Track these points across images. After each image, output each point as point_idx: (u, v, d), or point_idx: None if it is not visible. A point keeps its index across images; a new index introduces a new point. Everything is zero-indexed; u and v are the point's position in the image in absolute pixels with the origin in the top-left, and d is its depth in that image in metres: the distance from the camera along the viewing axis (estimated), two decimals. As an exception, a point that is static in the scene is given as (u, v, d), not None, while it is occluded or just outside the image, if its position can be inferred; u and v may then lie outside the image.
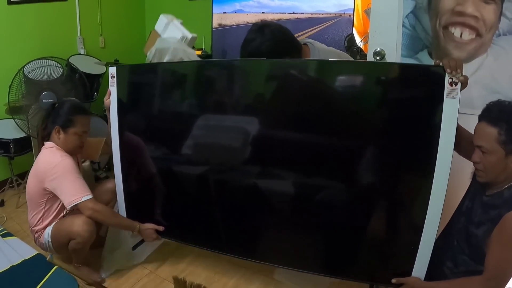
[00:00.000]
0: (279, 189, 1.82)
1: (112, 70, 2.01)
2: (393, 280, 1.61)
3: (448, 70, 1.40)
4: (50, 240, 1.98)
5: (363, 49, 3.10)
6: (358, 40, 3.29)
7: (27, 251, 1.72)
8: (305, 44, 1.92)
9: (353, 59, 1.88)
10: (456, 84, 1.39)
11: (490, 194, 1.47)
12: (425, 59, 2.05)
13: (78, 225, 1.91)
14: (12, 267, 1.64)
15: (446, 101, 1.41)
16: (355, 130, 1.64)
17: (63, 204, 1.97)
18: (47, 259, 1.59)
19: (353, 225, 1.71)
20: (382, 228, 1.70)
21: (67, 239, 1.96)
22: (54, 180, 1.90)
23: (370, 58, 2.16)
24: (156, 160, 2.07)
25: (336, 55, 1.97)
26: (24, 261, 1.67)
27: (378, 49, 2.06)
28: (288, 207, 1.87)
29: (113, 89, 2.02)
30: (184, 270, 2.26)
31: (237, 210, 1.95)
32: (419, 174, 1.54)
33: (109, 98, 2.03)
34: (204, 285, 2.05)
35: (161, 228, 2.10)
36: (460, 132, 1.49)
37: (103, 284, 1.91)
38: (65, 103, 2.09)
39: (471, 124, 1.93)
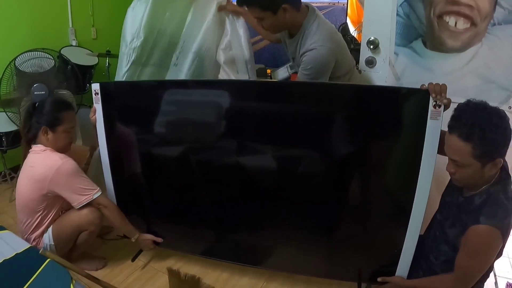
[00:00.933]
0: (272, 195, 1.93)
1: (96, 87, 1.96)
2: (379, 279, 1.75)
3: (433, 95, 1.46)
4: (52, 243, 1.95)
5: (357, 38, 3.08)
6: (352, 29, 3.27)
7: (20, 245, 1.68)
8: (306, 6, 1.88)
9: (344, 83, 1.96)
10: (439, 106, 1.46)
11: (465, 196, 1.47)
12: (419, 48, 2.03)
13: (86, 215, 1.93)
14: (4, 260, 1.60)
15: (430, 122, 1.49)
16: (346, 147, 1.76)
17: (60, 206, 1.97)
18: (40, 252, 1.56)
19: (344, 229, 1.86)
20: (369, 233, 1.82)
21: (76, 234, 1.97)
22: (59, 185, 1.86)
23: (364, 47, 2.15)
24: (146, 173, 2.12)
25: (333, 33, 1.93)
26: (16, 254, 1.63)
27: (372, 38, 2.05)
28: (282, 214, 1.94)
29: (97, 106, 1.99)
30: (178, 261, 2.25)
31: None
32: (403, 187, 1.67)
33: (95, 115, 2.00)
34: (198, 276, 2.06)
35: (159, 240, 2.15)
36: (442, 135, 1.47)
37: (97, 277, 1.89)
38: (46, 101, 1.98)
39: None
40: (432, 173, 1.53)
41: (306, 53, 1.82)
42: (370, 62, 2.20)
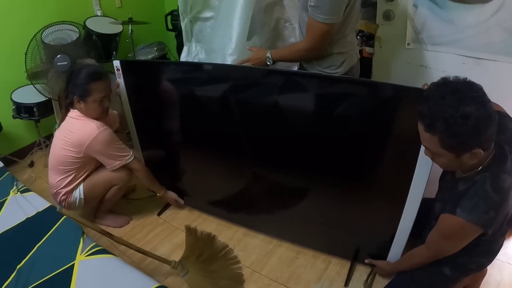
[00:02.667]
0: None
1: (117, 63, 2.06)
2: (366, 261, 1.80)
3: None
4: (82, 197, 2.05)
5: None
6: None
7: (41, 204, 1.78)
8: None
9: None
10: None
11: (454, 176, 1.36)
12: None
13: (118, 170, 2.04)
14: (27, 218, 1.71)
15: None
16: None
17: (95, 166, 2.08)
18: (57, 210, 1.63)
19: (345, 209, 1.85)
20: (366, 216, 1.79)
21: (107, 188, 2.11)
22: (95, 151, 1.95)
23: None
24: (168, 138, 2.28)
25: None
26: (37, 213, 1.73)
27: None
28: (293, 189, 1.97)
29: (120, 81, 2.10)
30: (195, 220, 2.29)
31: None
32: (398, 186, 1.58)
33: (118, 88, 2.10)
34: (213, 234, 2.09)
35: (181, 201, 2.34)
36: None
37: (120, 234, 1.97)
38: (81, 71, 1.99)
39: (490, 73, 1.76)
40: (428, 172, 1.45)
41: None
42: (388, 16, 2.07)
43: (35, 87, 2.72)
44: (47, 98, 2.80)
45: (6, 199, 1.86)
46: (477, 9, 1.77)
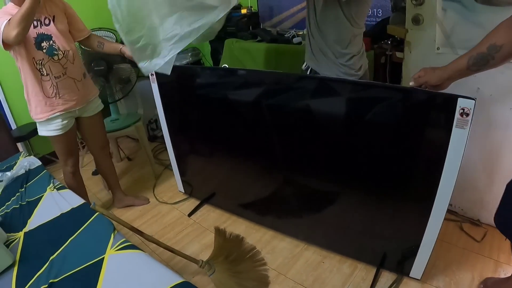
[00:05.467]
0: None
1: None
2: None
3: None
4: None
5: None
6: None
7: (76, 201, 1.80)
8: None
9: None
10: (467, 115, 1.28)
11: None
12: (469, 1, 1.78)
13: None
14: (62, 214, 1.73)
15: (455, 131, 1.33)
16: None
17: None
18: (91, 206, 1.63)
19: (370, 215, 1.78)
20: (394, 226, 1.74)
21: None
22: None
23: (409, 3, 1.95)
24: (200, 138, 2.33)
25: None
26: (72, 209, 1.74)
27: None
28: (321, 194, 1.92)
29: (154, 85, 2.17)
30: (225, 221, 2.27)
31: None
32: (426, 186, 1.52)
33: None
34: (242, 235, 2.06)
35: None
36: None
37: (151, 233, 1.97)
38: None
39: None
40: (454, 178, 1.39)
41: None
42: (417, 20, 1.99)
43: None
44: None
45: (43, 195, 1.89)
46: (506, 11, 1.68)
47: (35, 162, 2.22)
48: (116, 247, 1.41)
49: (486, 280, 1.67)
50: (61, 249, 1.50)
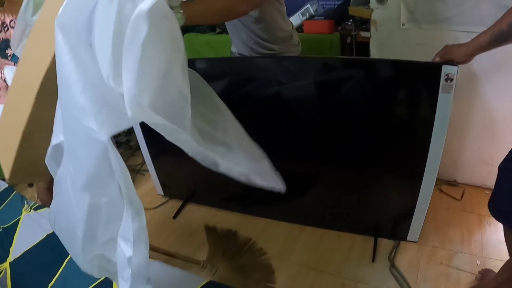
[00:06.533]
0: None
1: None
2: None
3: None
4: None
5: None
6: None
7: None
8: None
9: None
10: (451, 80, 1.36)
11: None
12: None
13: None
14: (48, 235, 1.59)
15: (441, 96, 1.41)
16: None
17: None
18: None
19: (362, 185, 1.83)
20: (387, 195, 1.82)
21: None
22: None
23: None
24: None
25: None
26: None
27: None
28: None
29: None
30: (213, 218, 2.20)
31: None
32: (414, 161, 1.60)
33: None
34: (234, 229, 2.01)
35: None
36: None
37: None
38: None
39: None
40: (442, 147, 1.49)
41: None
42: (381, -1, 2.04)
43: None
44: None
45: (19, 218, 1.71)
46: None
47: (1, 184, 2.00)
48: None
49: (485, 271, 1.64)
50: (58, 273, 1.38)
